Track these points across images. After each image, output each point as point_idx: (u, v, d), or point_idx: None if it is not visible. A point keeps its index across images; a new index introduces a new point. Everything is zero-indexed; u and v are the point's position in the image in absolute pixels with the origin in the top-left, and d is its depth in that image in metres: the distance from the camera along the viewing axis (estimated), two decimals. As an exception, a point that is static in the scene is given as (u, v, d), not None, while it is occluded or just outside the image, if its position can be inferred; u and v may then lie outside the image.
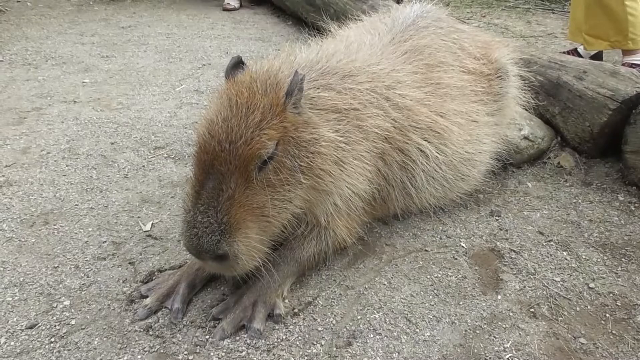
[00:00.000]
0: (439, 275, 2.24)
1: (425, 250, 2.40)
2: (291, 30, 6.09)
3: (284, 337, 1.90)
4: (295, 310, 2.03)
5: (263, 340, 1.88)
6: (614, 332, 1.97)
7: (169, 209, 2.64)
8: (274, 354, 1.83)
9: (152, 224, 2.51)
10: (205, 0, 7.29)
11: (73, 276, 2.17)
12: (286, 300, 2.06)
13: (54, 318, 1.95)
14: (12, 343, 1.84)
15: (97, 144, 3.27)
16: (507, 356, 1.85)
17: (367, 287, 2.16)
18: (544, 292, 2.16)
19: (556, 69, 3.35)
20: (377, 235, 2.50)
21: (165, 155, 3.17)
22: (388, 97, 2.25)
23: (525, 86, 2.99)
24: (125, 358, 1.80)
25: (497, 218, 2.65)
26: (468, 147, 2.50)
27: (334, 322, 1.98)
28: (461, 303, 2.09)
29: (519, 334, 1.95)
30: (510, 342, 1.91)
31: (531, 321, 2.01)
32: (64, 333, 1.89)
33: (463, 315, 2.03)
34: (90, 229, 2.46)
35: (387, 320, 1.99)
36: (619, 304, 2.10)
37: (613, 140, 3.03)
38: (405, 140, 2.28)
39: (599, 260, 2.34)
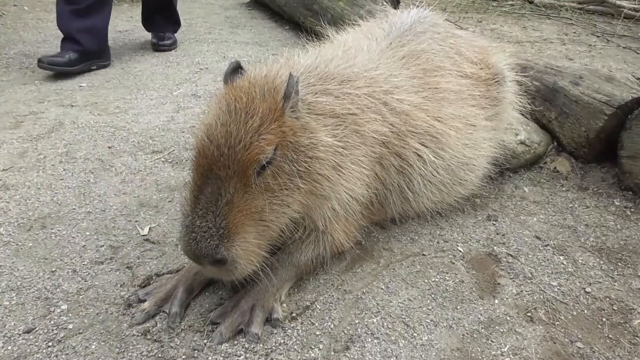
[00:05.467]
0: (437, 280, 2.24)
1: (423, 255, 2.40)
2: (288, 34, 6.10)
3: (282, 342, 1.90)
4: (293, 315, 2.03)
5: (261, 345, 1.88)
6: (610, 336, 1.98)
7: (167, 213, 2.64)
8: (272, 358, 1.83)
9: (149, 228, 2.51)
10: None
11: (70, 280, 2.17)
12: (284, 305, 2.06)
13: (52, 322, 1.95)
14: (10, 347, 1.83)
15: (95, 148, 3.27)
16: (505, 360, 1.86)
17: (365, 291, 2.17)
18: (541, 297, 2.17)
19: (552, 74, 3.37)
20: (375, 239, 2.50)
21: (162, 159, 3.17)
22: (386, 102, 2.26)
23: (521, 91, 3.00)
24: (123, 362, 1.80)
25: (494, 222, 2.66)
26: (466, 151, 2.52)
27: (332, 326, 1.98)
28: (459, 307, 2.10)
29: (516, 338, 1.96)
30: (508, 346, 1.92)
31: (528, 325, 2.02)
32: (62, 337, 1.88)
33: (460, 320, 2.04)
34: (87, 233, 2.46)
35: (385, 324, 2.00)
36: (616, 309, 2.11)
37: (609, 145, 3.05)
38: (403, 144, 2.29)
39: (595, 264, 2.36)
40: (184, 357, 1.82)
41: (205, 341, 1.88)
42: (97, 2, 4.43)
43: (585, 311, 2.10)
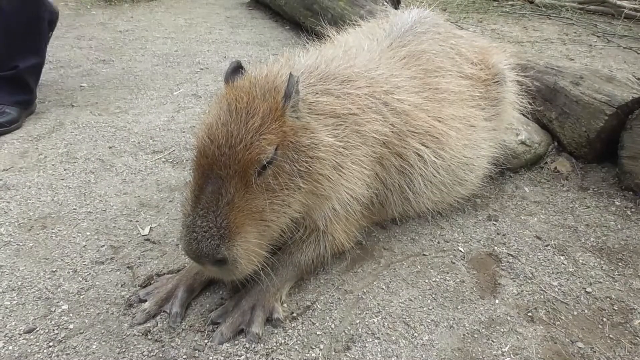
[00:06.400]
0: (437, 280, 2.24)
1: (424, 255, 2.41)
2: (289, 34, 6.10)
3: (282, 341, 1.90)
4: (294, 315, 2.03)
5: (262, 345, 1.88)
6: (611, 336, 1.98)
7: (167, 213, 2.64)
8: (272, 358, 1.83)
9: (150, 228, 2.51)
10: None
11: (71, 280, 2.17)
12: (285, 305, 2.06)
13: (52, 322, 1.95)
14: (10, 347, 1.83)
15: (95, 148, 3.27)
16: (505, 360, 1.86)
17: (365, 291, 2.17)
18: (542, 297, 2.16)
19: (553, 74, 3.37)
20: (376, 239, 2.50)
21: (163, 159, 3.17)
22: (386, 102, 2.26)
23: (522, 91, 3.01)
24: (123, 362, 1.80)
25: (494, 222, 2.66)
26: (466, 151, 2.52)
27: (333, 326, 1.98)
28: (459, 307, 2.10)
29: (517, 338, 1.96)
30: (508, 346, 1.92)
31: (529, 325, 2.02)
32: (63, 337, 1.88)
33: (461, 320, 2.04)
34: (88, 233, 2.46)
35: (386, 324, 2.00)
36: (616, 308, 2.11)
37: (609, 145, 3.05)
38: (404, 144, 2.29)
39: (595, 264, 2.36)
40: (184, 357, 1.82)
41: (206, 341, 1.88)
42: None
43: (586, 311, 2.10)
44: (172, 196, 2.79)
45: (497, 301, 2.14)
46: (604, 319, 2.06)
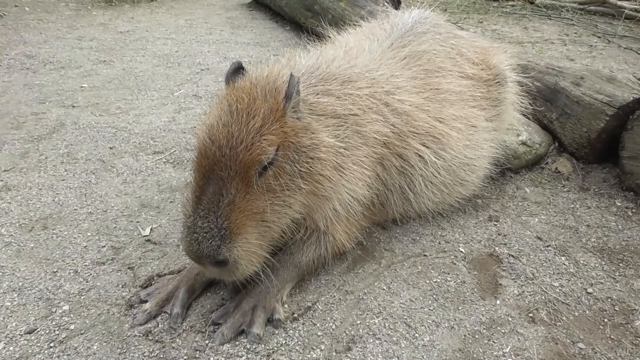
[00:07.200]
0: (438, 280, 2.24)
1: (424, 255, 2.40)
2: (289, 35, 6.10)
3: (283, 342, 1.90)
4: (295, 315, 2.03)
5: (262, 345, 1.88)
6: (612, 336, 1.97)
7: (168, 214, 2.64)
8: (273, 359, 1.83)
9: (151, 229, 2.51)
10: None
11: (72, 281, 2.17)
12: (285, 305, 2.06)
13: (53, 323, 1.95)
14: (11, 348, 1.83)
15: (96, 148, 3.27)
16: (506, 361, 1.86)
17: (366, 292, 2.17)
18: (543, 297, 2.16)
19: (554, 75, 3.37)
20: (376, 240, 2.50)
21: (164, 160, 3.17)
22: (387, 103, 2.26)
23: (523, 92, 3.00)
24: (124, 363, 1.80)
25: (495, 223, 2.65)
26: (467, 152, 2.51)
27: (334, 327, 1.98)
28: (460, 308, 2.10)
29: (518, 338, 1.95)
30: (510, 347, 1.92)
31: (530, 326, 2.02)
32: (63, 338, 1.88)
33: (462, 320, 2.03)
34: (89, 234, 2.46)
35: (387, 325, 1.99)
36: (617, 309, 2.11)
37: (610, 145, 3.05)
38: (404, 145, 2.29)
39: (597, 265, 2.35)
40: (185, 357, 1.82)
41: (207, 342, 1.88)
42: None
43: (587, 312, 2.10)
44: (173, 197, 2.79)
45: (498, 302, 2.14)
46: (605, 320, 2.05)
